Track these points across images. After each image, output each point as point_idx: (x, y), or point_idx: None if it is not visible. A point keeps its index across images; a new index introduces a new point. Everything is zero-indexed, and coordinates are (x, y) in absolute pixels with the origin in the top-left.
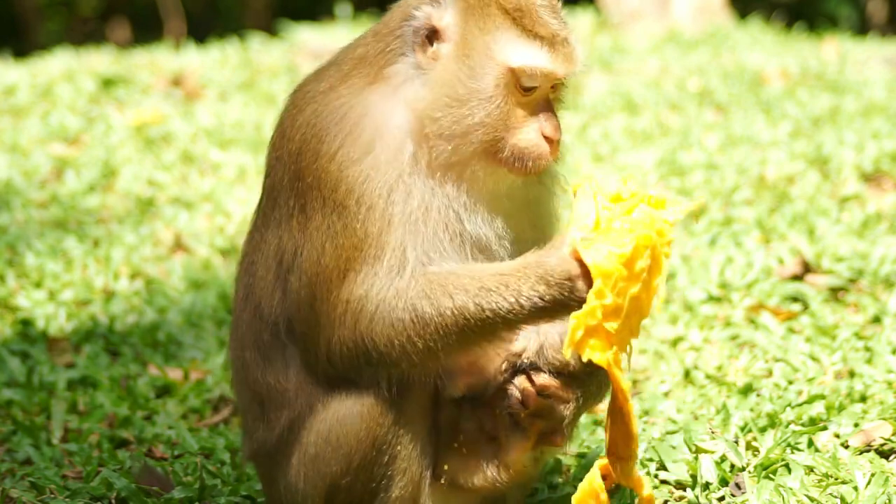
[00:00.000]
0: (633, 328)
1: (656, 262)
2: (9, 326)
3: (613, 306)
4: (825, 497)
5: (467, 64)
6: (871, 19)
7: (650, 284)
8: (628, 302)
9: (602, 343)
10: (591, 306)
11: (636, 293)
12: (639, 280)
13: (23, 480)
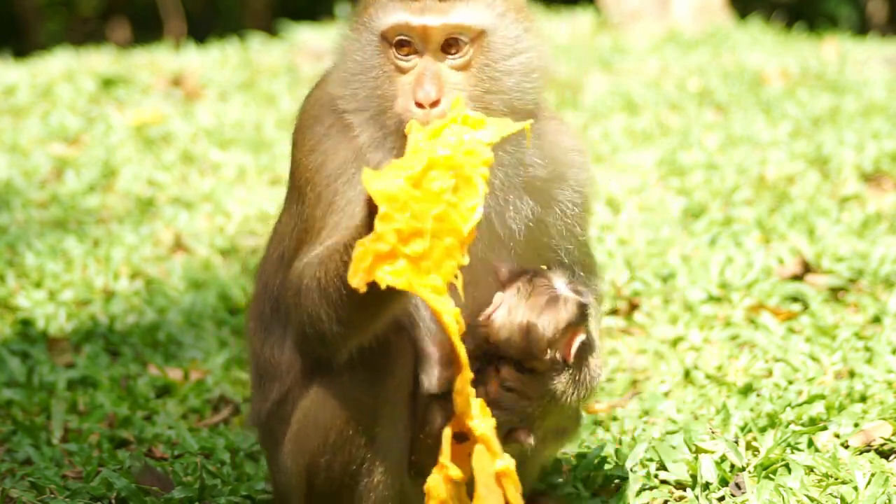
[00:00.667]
0: (450, 251)
1: (467, 183)
2: (9, 326)
3: (411, 229)
4: (825, 497)
5: (356, 38)
6: (871, 19)
7: (459, 206)
8: (433, 223)
9: (406, 269)
10: (376, 232)
11: (441, 214)
12: (440, 201)
13: (23, 480)
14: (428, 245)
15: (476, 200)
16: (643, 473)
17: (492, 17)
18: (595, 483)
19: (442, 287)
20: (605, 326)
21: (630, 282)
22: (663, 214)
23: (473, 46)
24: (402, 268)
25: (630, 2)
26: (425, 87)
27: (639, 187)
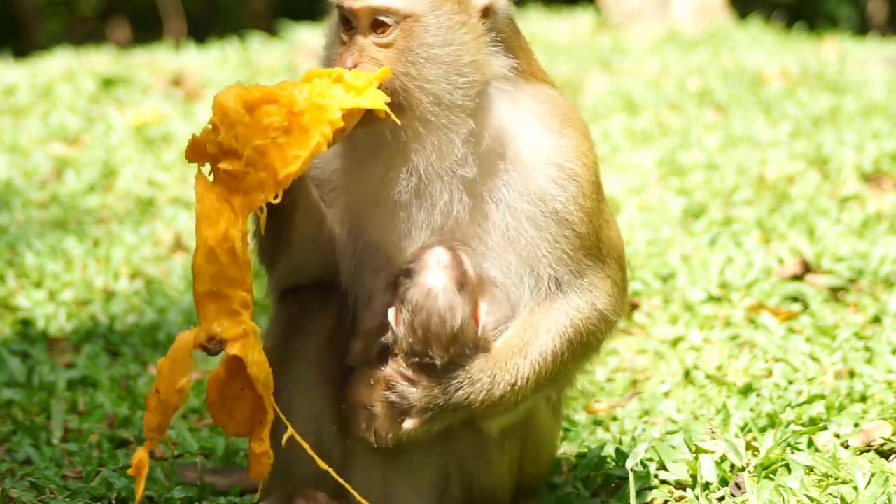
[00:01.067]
0: (262, 185)
1: (301, 132)
2: (9, 326)
3: (229, 146)
4: (825, 497)
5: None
6: (871, 19)
7: (285, 149)
8: (251, 152)
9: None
10: (204, 132)
11: (262, 147)
12: (266, 136)
13: (23, 480)
14: (241, 169)
15: (303, 152)
16: (643, 473)
17: (422, 4)
18: (595, 483)
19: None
20: None
21: (630, 282)
22: (663, 214)
23: (399, 29)
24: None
25: (630, 2)
26: (344, 56)
27: (639, 187)
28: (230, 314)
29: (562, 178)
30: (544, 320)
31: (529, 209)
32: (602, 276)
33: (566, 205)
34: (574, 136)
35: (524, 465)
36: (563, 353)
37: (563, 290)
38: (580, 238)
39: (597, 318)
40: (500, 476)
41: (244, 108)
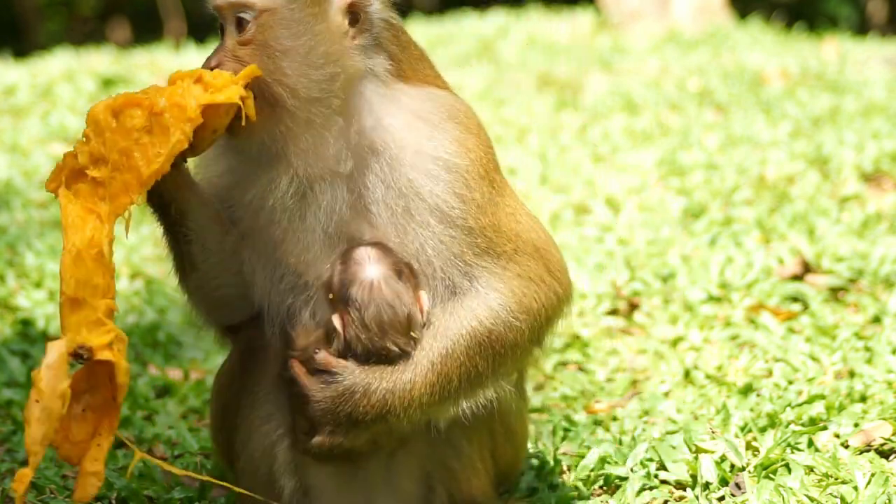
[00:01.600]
0: (128, 188)
1: (162, 131)
2: (9, 326)
3: (98, 154)
4: (825, 497)
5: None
6: (871, 19)
7: (148, 149)
8: (117, 155)
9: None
10: (76, 147)
11: (126, 149)
12: (129, 137)
13: None
14: (108, 174)
15: (164, 149)
16: (643, 473)
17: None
18: (595, 483)
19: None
20: (605, 326)
21: (630, 282)
22: (663, 214)
23: (256, 24)
24: (85, 187)
25: (630, 2)
26: (209, 57)
27: (639, 187)
28: (96, 324)
29: (436, 169)
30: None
31: (406, 205)
32: (503, 275)
33: (445, 198)
34: (454, 129)
35: (496, 452)
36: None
37: (456, 292)
38: (469, 235)
39: (498, 321)
40: (473, 467)
41: (111, 115)
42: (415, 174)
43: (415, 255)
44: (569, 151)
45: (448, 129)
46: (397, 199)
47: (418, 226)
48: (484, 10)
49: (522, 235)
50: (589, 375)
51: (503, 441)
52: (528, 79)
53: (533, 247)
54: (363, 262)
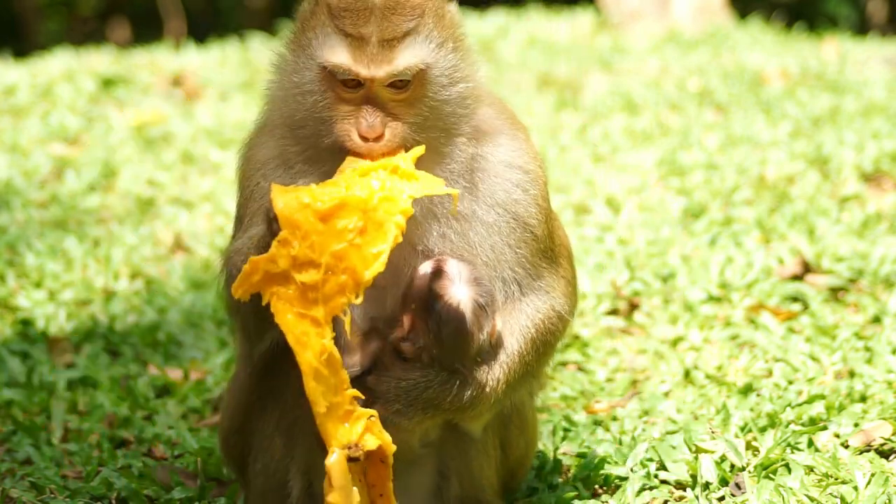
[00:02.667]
0: (343, 289)
1: (377, 228)
2: (9, 326)
3: (305, 258)
4: (825, 497)
5: (296, 58)
6: (871, 19)
7: (363, 248)
8: (329, 258)
9: (291, 294)
10: (271, 252)
11: (340, 252)
12: (343, 239)
13: (23, 480)
14: (321, 277)
15: (383, 247)
16: (643, 473)
17: (431, 51)
18: (595, 483)
19: (322, 319)
20: (605, 326)
21: (630, 282)
22: (663, 214)
23: (415, 81)
24: (289, 292)
25: (630, 2)
26: (370, 121)
27: (639, 187)
28: (347, 416)
29: (524, 181)
30: (509, 322)
31: (495, 218)
32: (557, 277)
33: (528, 208)
34: (524, 136)
35: (509, 442)
36: (528, 353)
37: (524, 292)
38: (537, 241)
39: (556, 318)
40: (486, 454)
41: (316, 218)
42: (508, 186)
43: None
44: (569, 151)
45: (519, 136)
46: (487, 208)
47: (500, 235)
48: (484, 10)
49: (564, 241)
50: (589, 375)
51: (517, 432)
52: (528, 79)
53: (568, 251)
54: (455, 279)
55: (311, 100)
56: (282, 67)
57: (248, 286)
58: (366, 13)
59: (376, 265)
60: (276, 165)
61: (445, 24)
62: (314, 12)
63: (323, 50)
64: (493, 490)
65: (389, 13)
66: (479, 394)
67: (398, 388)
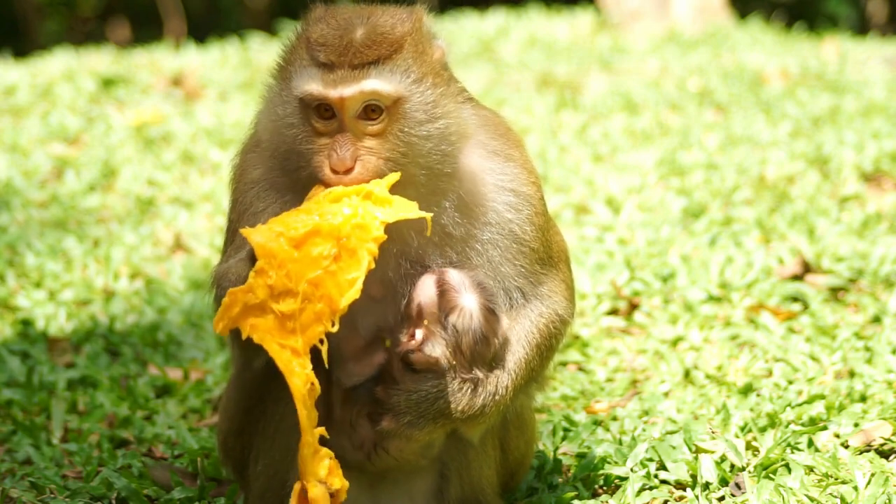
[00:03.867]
0: (320, 317)
1: (350, 255)
2: (9, 326)
3: (282, 287)
4: (825, 497)
5: (279, 91)
6: (871, 19)
7: (338, 275)
8: (305, 286)
9: (270, 324)
10: (248, 283)
11: (316, 279)
12: (318, 266)
13: (23, 480)
14: (298, 306)
15: (357, 273)
16: (643, 473)
17: (408, 83)
18: (595, 483)
19: (301, 349)
20: (605, 326)
21: (630, 282)
22: (663, 214)
23: (390, 113)
24: (268, 322)
25: (630, 2)
26: (340, 153)
27: (639, 187)
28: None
29: (517, 203)
30: (514, 329)
31: (490, 236)
32: (557, 281)
33: (522, 226)
34: (518, 156)
35: (508, 442)
36: (533, 358)
37: (527, 299)
38: (535, 252)
39: (558, 321)
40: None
41: (291, 246)
42: (501, 209)
43: (491, 271)
44: (569, 151)
45: (515, 157)
46: (484, 231)
47: (497, 250)
48: (484, 10)
49: (561, 245)
50: (589, 375)
51: (516, 433)
52: (528, 79)
53: (566, 254)
54: (460, 289)
55: (292, 132)
56: (268, 98)
57: (228, 320)
58: (341, 46)
59: (351, 292)
60: (268, 187)
61: (426, 61)
62: (296, 46)
63: (300, 81)
64: (494, 490)
65: (365, 45)
66: (490, 401)
67: (409, 400)
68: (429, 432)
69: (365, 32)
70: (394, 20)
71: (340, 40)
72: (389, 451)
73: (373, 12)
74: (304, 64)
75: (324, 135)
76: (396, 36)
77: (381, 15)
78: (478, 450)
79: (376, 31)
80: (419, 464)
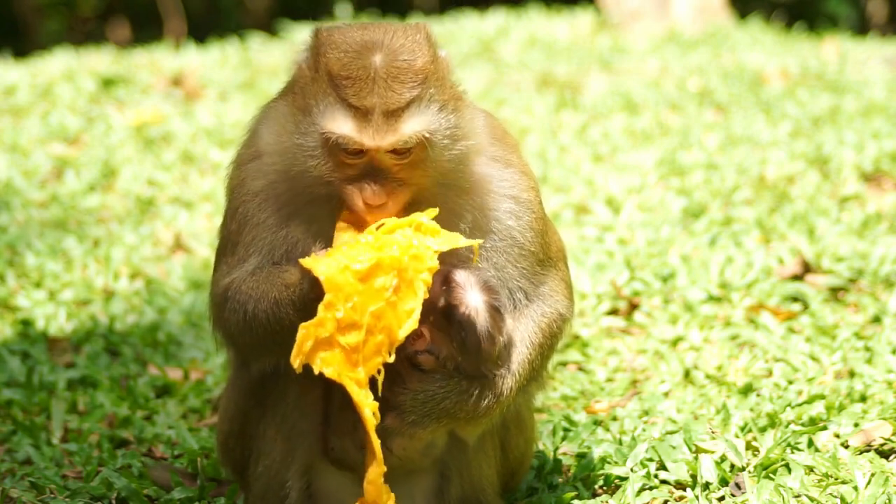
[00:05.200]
0: (380, 349)
1: (408, 286)
2: (9, 326)
3: (349, 320)
4: (825, 497)
5: (297, 120)
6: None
7: (397, 306)
8: (368, 318)
9: (338, 358)
10: (319, 317)
11: (378, 311)
12: (380, 298)
13: (23, 480)
14: (362, 339)
15: (414, 304)
16: (643, 473)
17: (434, 116)
18: (595, 483)
19: (364, 380)
20: (605, 326)
21: (630, 282)
22: (663, 214)
23: (418, 147)
24: (336, 356)
25: (630, 2)
26: (374, 189)
27: (639, 187)
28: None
29: (518, 210)
30: (518, 329)
31: (494, 243)
32: (557, 280)
33: (523, 232)
34: (517, 161)
35: (508, 442)
36: (536, 357)
37: (529, 299)
38: (535, 255)
39: (560, 320)
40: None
41: (356, 279)
42: (503, 216)
43: (495, 274)
44: (569, 151)
45: (512, 162)
46: (483, 233)
47: (503, 255)
48: (484, 10)
49: (559, 244)
50: (589, 375)
51: (516, 432)
52: (528, 79)
53: (563, 253)
54: (466, 287)
55: (313, 163)
56: (280, 122)
57: (303, 356)
58: (368, 82)
59: (409, 323)
60: (268, 199)
61: (446, 86)
62: (315, 79)
63: (325, 119)
64: (494, 490)
65: (392, 81)
66: (494, 401)
67: (415, 399)
68: (433, 431)
69: (388, 65)
70: (412, 45)
71: (365, 75)
72: (392, 451)
73: (388, 34)
74: (329, 101)
75: (352, 168)
76: (418, 66)
77: (398, 39)
78: (478, 449)
79: (399, 63)
80: (421, 464)
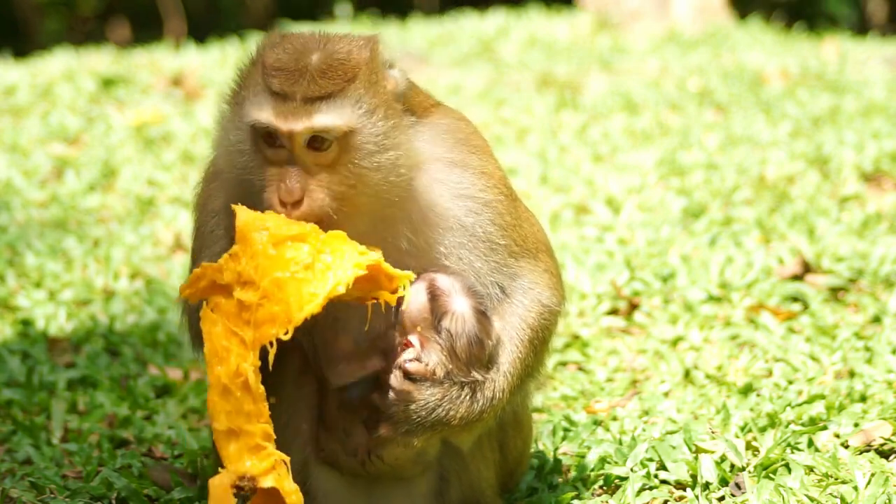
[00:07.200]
0: (275, 319)
1: (323, 271)
2: (9, 326)
3: (248, 277)
4: (825, 497)
5: (232, 116)
6: (871, 19)
7: (302, 285)
8: (270, 284)
9: (232, 308)
10: (220, 262)
11: (281, 280)
12: (286, 268)
13: (23, 480)
14: (256, 300)
15: (321, 290)
16: (643, 473)
17: (358, 115)
18: (595, 483)
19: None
20: (606, 326)
21: (630, 282)
22: (663, 214)
23: (339, 144)
24: (229, 305)
25: (630, 2)
26: (288, 185)
27: (639, 187)
28: (254, 449)
29: (476, 207)
30: (505, 329)
31: (456, 239)
32: (538, 272)
33: (485, 227)
34: (476, 163)
35: (506, 443)
36: (528, 355)
37: (507, 293)
38: (506, 247)
39: (546, 312)
40: (483, 456)
41: (270, 242)
42: (461, 214)
43: (466, 270)
44: (569, 151)
45: (472, 164)
46: (449, 236)
47: (468, 251)
48: (484, 10)
49: (538, 236)
50: (589, 375)
51: (513, 433)
52: (528, 79)
53: (545, 245)
54: (451, 293)
55: (244, 159)
56: (222, 123)
57: (196, 290)
58: (297, 73)
59: (311, 306)
60: (228, 216)
61: (379, 92)
62: (251, 71)
63: (251, 108)
64: (493, 491)
65: (319, 75)
66: (487, 405)
67: (407, 409)
68: (426, 440)
69: (319, 61)
70: (349, 48)
71: (295, 67)
72: (384, 459)
73: (329, 39)
74: (257, 90)
75: (274, 164)
76: (350, 65)
77: (337, 42)
78: (476, 451)
79: (331, 61)
80: (413, 471)
